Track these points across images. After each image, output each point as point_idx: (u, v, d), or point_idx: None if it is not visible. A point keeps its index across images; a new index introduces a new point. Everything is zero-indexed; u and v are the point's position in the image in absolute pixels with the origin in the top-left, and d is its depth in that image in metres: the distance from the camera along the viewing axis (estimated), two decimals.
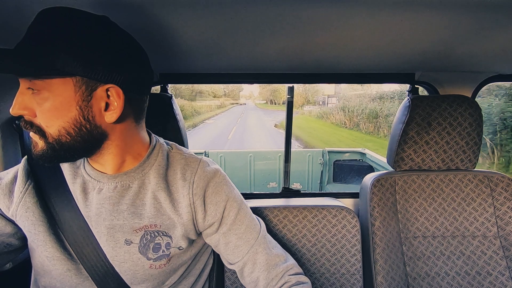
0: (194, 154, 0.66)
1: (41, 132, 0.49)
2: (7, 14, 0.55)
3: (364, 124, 12.12)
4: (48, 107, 0.47)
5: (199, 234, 0.64)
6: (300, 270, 0.66)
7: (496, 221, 0.96)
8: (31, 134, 0.51)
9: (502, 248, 0.94)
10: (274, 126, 15.19)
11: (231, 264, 0.65)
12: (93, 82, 0.48)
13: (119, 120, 0.53)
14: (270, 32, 0.65)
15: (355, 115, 13.26)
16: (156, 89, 1.06)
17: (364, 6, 0.52)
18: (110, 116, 0.51)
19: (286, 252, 0.68)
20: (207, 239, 0.65)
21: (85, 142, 0.51)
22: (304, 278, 0.63)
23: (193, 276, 0.67)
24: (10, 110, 0.49)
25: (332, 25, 0.61)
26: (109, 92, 0.50)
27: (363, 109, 12.67)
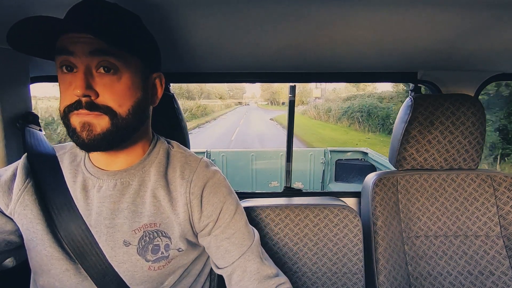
0: (194, 154, 0.66)
1: (111, 112, 0.50)
2: (8, 14, 0.55)
3: (323, 116, 19.96)
4: (122, 86, 0.50)
5: (196, 235, 0.63)
6: (291, 287, 0.63)
7: (499, 221, 0.95)
8: (87, 117, 0.49)
9: (505, 247, 0.94)
10: (270, 119, 23.38)
11: (219, 268, 0.63)
12: (148, 68, 0.55)
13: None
14: (272, 31, 0.65)
15: (320, 111, 21.04)
16: None
17: (366, 5, 0.52)
18: (154, 102, 0.60)
19: (278, 268, 0.65)
20: (200, 239, 0.63)
21: (142, 124, 0.57)
22: None
23: (192, 276, 0.66)
24: (77, 91, 0.46)
25: (334, 24, 0.61)
26: (156, 80, 0.59)
27: (324, 107, 20.77)
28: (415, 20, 0.59)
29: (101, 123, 0.49)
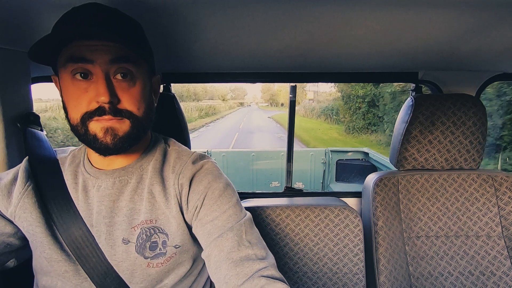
0: (188, 149, 0.66)
1: (132, 116, 0.53)
2: (11, 14, 0.55)
3: (309, 114, 25.10)
4: (137, 91, 0.53)
5: (190, 229, 0.61)
6: (278, 274, 0.52)
7: (500, 221, 0.95)
8: (109, 122, 0.50)
9: (506, 248, 0.94)
10: (268, 117, 29.78)
11: (204, 253, 0.58)
12: (151, 71, 0.58)
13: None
14: (272, 31, 0.65)
15: (307, 110, 26.25)
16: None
17: (367, 5, 0.52)
18: (155, 102, 0.62)
19: (269, 251, 0.58)
20: (192, 229, 0.60)
21: (151, 124, 0.60)
22: (281, 286, 0.48)
23: (193, 275, 0.66)
24: (102, 98, 0.47)
25: (335, 24, 0.61)
26: (156, 82, 0.62)
27: (310, 107, 26.68)
28: (416, 20, 0.59)
29: (123, 127, 0.52)
